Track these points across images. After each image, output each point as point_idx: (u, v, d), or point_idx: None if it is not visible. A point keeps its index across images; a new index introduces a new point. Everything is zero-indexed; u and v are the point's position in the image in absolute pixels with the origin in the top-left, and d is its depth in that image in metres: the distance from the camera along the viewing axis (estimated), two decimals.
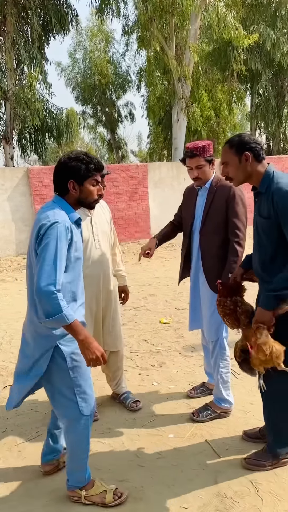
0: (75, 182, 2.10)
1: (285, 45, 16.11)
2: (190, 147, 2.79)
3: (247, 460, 2.50)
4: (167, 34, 14.20)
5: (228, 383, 3.03)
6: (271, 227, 2.21)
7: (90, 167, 2.11)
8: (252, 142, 2.24)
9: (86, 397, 2.17)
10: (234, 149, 2.26)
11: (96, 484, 2.31)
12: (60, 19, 13.83)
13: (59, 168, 2.12)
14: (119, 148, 26.76)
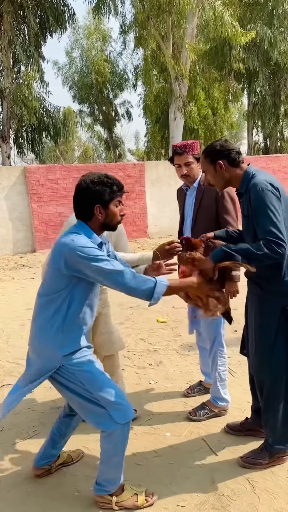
0: (101, 207, 2.09)
1: (282, 44, 16.14)
2: (178, 145, 2.86)
3: (244, 459, 2.51)
4: (164, 33, 14.21)
5: (225, 381, 3.04)
6: (250, 226, 2.27)
7: (114, 189, 2.10)
8: (225, 150, 2.31)
9: (117, 406, 2.10)
10: (209, 158, 2.35)
11: (126, 489, 2.25)
12: (57, 18, 13.81)
13: (82, 193, 2.09)
14: (116, 147, 26.75)
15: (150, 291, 1.98)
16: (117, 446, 2.14)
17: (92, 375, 2.11)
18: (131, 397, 3.36)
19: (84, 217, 2.12)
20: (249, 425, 2.79)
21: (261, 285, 2.36)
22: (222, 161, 2.31)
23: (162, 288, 2.00)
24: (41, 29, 14.21)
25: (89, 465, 2.59)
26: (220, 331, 2.99)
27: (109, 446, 2.14)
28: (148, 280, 1.98)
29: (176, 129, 14.92)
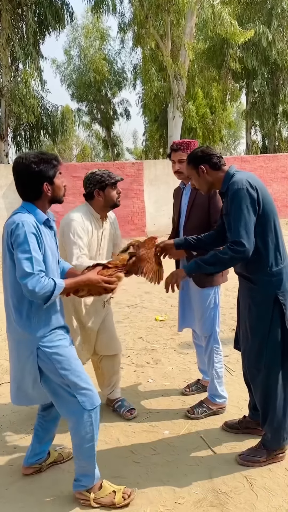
0: (48, 183, 2.16)
1: (280, 43, 16.16)
2: (176, 142, 2.98)
3: (242, 457, 2.52)
4: (162, 32, 14.20)
5: (222, 378, 3.06)
6: (230, 223, 2.33)
7: (54, 163, 2.17)
8: (206, 155, 2.44)
9: (84, 392, 2.15)
10: (191, 164, 2.49)
11: (104, 486, 2.26)
12: (56, 16, 13.78)
13: (27, 175, 2.13)
14: (114, 145, 26.74)
15: (48, 296, 2.02)
16: (86, 434, 2.16)
17: (65, 358, 2.14)
18: (129, 395, 3.38)
19: (33, 197, 2.16)
20: (246, 423, 2.80)
21: (250, 278, 2.41)
22: (204, 166, 2.44)
23: (59, 290, 2.06)
24: (40, 27, 14.17)
25: None
26: (215, 328, 3.01)
27: (79, 436, 2.17)
28: (48, 285, 2.01)
29: (175, 128, 14.91)
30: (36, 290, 1.97)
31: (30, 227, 2.04)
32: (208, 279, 2.92)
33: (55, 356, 2.13)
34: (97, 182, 2.80)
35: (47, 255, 2.14)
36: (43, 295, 2.01)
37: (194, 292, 3.00)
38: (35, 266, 1.99)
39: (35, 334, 2.12)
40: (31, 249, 2.01)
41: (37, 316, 2.13)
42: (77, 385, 2.14)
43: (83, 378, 2.17)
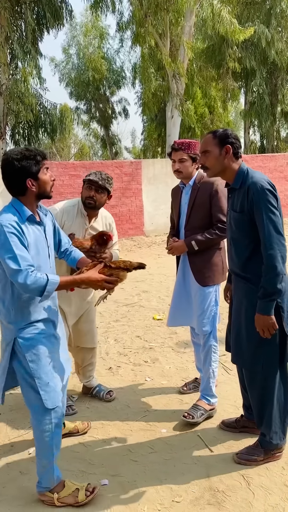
0: (32, 179, 2.17)
1: (279, 43, 16.15)
2: (177, 142, 2.96)
3: (239, 455, 2.52)
4: (161, 31, 14.17)
5: (216, 378, 3.07)
6: (245, 221, 2.31)
7: (38, 159, 2.17)
8: (235, 139, 2.37)
9: (48, 390, 2.17)
10: (217, 140, 2.36)
11: (67, 485, 2.28)
12: (54, 14, 13.73)
13: (11, 172, 2.16)
14: (112, 144, 26.70)
15: (41, 290, 2.05)
16: (44, 431, 2.19)
17: (37, 353, 2.17)
18: (126, 393, 3.38)
19: (18, 193, 2.19)
20: (244, 422, 2.81)
21: (250, 279, 2.38)
22: (229, 146, 2.35)
23: (53, 286, 2.09)
24: (38, 25, 14.11)
25: (84, 460, 2.60)
26: (215, 326, 3.01)
27: (38, 431, 2.21)
28: (40, 279, 2.04)
29: (173, 127, 14.90)
30: (28, 283, 2.01)
31: (9, 227, 2.05)
32: (209, 277, 2.94)
33: (28, 349, 2.16)
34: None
35: (34, 251, 2.17)
36: (36, 289, 2.04)
37: (194, 290, 3.00)
38: (22, 262, 2.02)
39: (14, 325, 2.18)
40: (13, 248, 2.03)
41: (17, 307, 2.17)
42: (42, 381, 2.16)
43: (49, 376, 2.19)
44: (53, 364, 2.24)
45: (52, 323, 2.33)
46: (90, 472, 2.49)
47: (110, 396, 3.30)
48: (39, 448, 2.24)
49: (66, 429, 2.79)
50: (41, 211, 2.32)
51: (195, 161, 2.95)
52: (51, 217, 2.45)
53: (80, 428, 2.85)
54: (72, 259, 2.54)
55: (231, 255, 2.50)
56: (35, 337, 2.19)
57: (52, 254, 2.34)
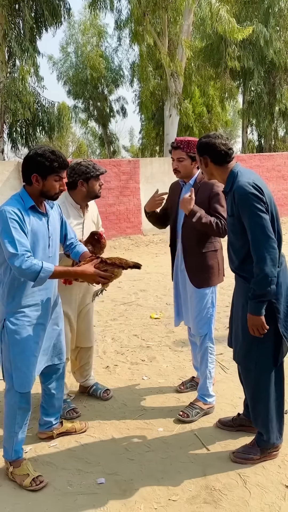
0: (38, 176, 2.27)
1: (277, 42, 16.13)
2: (177, 140, 2.91)
3: (236, 454, 2.53)
4: (160, 29, 14.16)
5: (212, 378, 3.07)
6: (235, 224, 2.33)
7: (53, 165, 2.26)
8: (211, 147, 2.35)
9: (20, 375, 2.34)
10: (197, 150, 2.45)
11: (22, 466, 2.42)
12: (53, 12, 13.67)
13: (26, 161, 2.30)
14: (110, 143, 26.67)
15: (35, 276, 2.17)
16: (10, 410, 2.39)
17: (19, 338, 2.32)
18: (123, 392, 3.38)
19: (26, 182, 2.32)
20: (240, 420, 2.81)
21: (246, 278, 2.40)
22: (204, 157, 2.39)
23: (47, 273, 2.20)
24: (36, 23, 14.06)
25: (80, 459, 2.60)
26: (211, 328, 3.00)
27: (6, 407, 2.40)
28: (34, 265, 2.16)
29: (171, 126, 14.89)
30: (23, 267, 2.13)
31: (11, 214, 2.19)
32: (205, 279, 2.91)
33: (12, 333, 2.31)
34: (82, 173, 2.86)
35: (33, 239, 2.28)
36: (30, 274, 2.16)
37: (191, 291, 2.98)
38: (19, 247, 2.15)
39: (5, 306, 2.34)
40: (13, 232, 2.16)
41: (10, 290, 2.31)
42: (17, 365, 2.33)
43: (25, 363, 2.35)
44: (31, 352, 2.37)
45: (43, 314, 2.41)
46: (86, 471, 2.49)
47: (107, 395, 3.30)
48: (4, 420, 2.43)
49: (63, 428, 2.82)
50: (48, 203, 2.44)
51: (195, 160, 2.86)
52: (59, 211, 2.56)
53: (77, 427, 2.86)
54: (76, 252, 2.64)
55: (230, 255, 2.52)
56: (21, 323, 2.32)
57: (53, 244, 2.43)
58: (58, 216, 2.53)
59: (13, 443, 2.42)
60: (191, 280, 2.93)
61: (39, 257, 2.29)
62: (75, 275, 2.39)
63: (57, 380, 2.67)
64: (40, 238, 2.32)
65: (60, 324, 2.64)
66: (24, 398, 2.40)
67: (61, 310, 2.67)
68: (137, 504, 2.23)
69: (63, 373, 2.71)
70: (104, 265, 2.45)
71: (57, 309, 2.61)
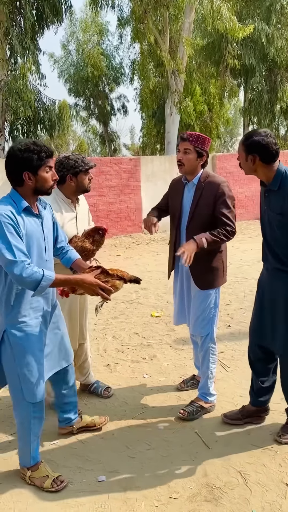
0: (30, 173, 2.16)
1: (279, 40, 16.08)
2: (187, 132, 2.83)
3: (281, 436, 2.62)
4: (161, 27, 14.12)
5: (214, 377, 3.06)
6: (285, 223, 2.39)
7: (41, 156, 2.15)
8: (263, 147, 2.37)
9: (29, 386, 2.25)
10: (244, 146, 2.43)
11: (40, 468, 2.39)
12: (54, 9, 13.63)
13: (11, 161, 2.16)
14: (111, 141, 26.63)
15: (36, 284, 2.07)
16: (23, 421, 2.32)
17: (23, 349, 2.22)
18: (124, 390, 3.39)
19: (15, 183, 2.18)
20: (248, 412, 2.85)
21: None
22: (254, 155, 2.40)
23: (48, 281, 2.10)
24: (38, 20, 14.03)
25: (82, 457, 2.60)
26: (213, 329, 2.98)
27: (18, 419, 2.34)
28: (36, 273, 2.06)
29: (172, 124, 14.87)
30: (23, 275, 2.03)
31: (5, 217, 2.06)
32: (210, 281, 2.87)
33: (16, 345, 2.22)
34: (70, 167, 2.82)
35: (29, 243, 2.17)
36: (31, 283, 2.06)
37: (193, 292, 2.95)
38: (17, 254, 2.03)
39: (4, 316, 2.23)
40: (9, 238, 2.04)
41: (7, 300, 2.21)
42: (26, 377, 2.24)
43: (33, 373, 2.26)
44: (38, 361, 2.28)
45: (43, 320, 2.33)
46: (87, 469, 2.49)
47: (108, 393, 3.30)
48: (19, 432, 2.37)
49: (83, 422, 2.82)
50: (40, 204, 2.33)
51: (201, 156, 2.81)
52: (51, 211, 2.45)
53: (97, 422, 2.85)
54: (68, 258, 2.53)
55: (270, 251, 2.55)
56: (23, 334, 2.23)
57: (49, 248, 2.34)
58: (50, 217, 2.42)
59: (30, 451, 2.37)
60: (195, 282, 2.89)
61: (34, 262, 2.18)
62: (75, 283, 2.28)
63: (68, 381, 2.63)
64: (35, 241, 2.21)
65: (62, 327, 2.55)
66: (37, 407, 2.32)
67: (61, 313, 2.59)
68: (137, 501, 2.23)
69: (72, 373, 2.66)
70: (105, 276, 2.41)
71: (57, 312, 2.51)
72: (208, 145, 2.83)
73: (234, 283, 6.32)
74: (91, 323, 3.63)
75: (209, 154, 2.83)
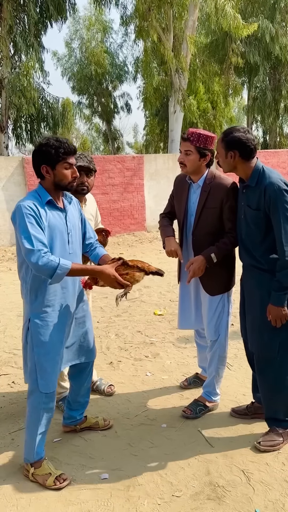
0: (48, 167, 2.24)
1: (283, 38, 16.03)
2: (189, 130, 2.68)
3: (261, 443, 2.58)
4: (165, 25, 14.08)
5: (222, 378, 3.03)
6: (261, 218, 2.41)
7: (59, 151, 2.21)
8: (241, 142, 2.40)
9: (44, 375, 2.30)
10: (223, 143, 2.44)
11: (43, 466, 2.39)
12: (57, 7, 13.63)
13: (34, 155, 2.27)
14: (114, 139, 26.61)
15: (51, 272, 2.12)
16: (34, 411, 2.35)
17: (43, 339, 2.29)
18: (127, 388, 3.39)
19: (38, 176, 2.31)
20: (255, 408, 2.87)
21: (264, 269, 2.48)
22: (234, 152, 2.41)
23: (63, 270, 2.15)
24: (41, 18, 14.03)
25: (84, 454, 2.60)
26: (223, 333, 2.89)
27: (29, 407, 2.36)
28: (51, 262, 2.11)
29: (176, 122, 14.85)
30: (39, 263, 2.09)
31: (27, 209, 2.15)
32: (219, 286, 2.83)
33: (37, 334, 2.28)
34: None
35: (51, 235, 2.24)
36: (46, 271, 2.11)
37: (202, 296, 2.90)
38: (35, 243, 2.10)
39: (29, 305, 2.31)
40: (29, 228, 2.12)
41: (32, 289, 2.28)
42: (42, 366, 2.30)
43: (50, 364, 2.32)
44: (56, 352, 2.34)
45: (66, 312, 2.38)
46: (90, 466, 2.49)
47: (110, 391, 3.30)
48: (28, 422, 2.39)
49: (87, 423, 2.83)
50: (66, 199, 2.41)
51: (204, 156, 2.66)
52: (78, 208, 2.51)
53: (101, 424, 2.85)
54: (95, 254, 2.58)
55: (244, 248, 2.56)
56: (45, 323, 2.29)
57: (73, 241, 2.39)
58: (77, 213, 2.48)
59: (35, 445, 2.38)
60: (204, 288, 2.83)
61: (57, 254, 2.23)
62: (93, 273, 2.31)
63: (84, 378, 2.65)
64: (58, 234, 2.27)
65: (88, 323, 2.58)
66: (49, 399, 2.35)
67: (88, 308, 2.61)
68: (140, 499, 2.23)
69: (90, 371, 2.68)
70: (126, 267, 2.41)
71: (84, 307, 2.55)
72: (213, 142, 2.68)
73: (237, 281, 6.30)
74: (94, 321, 3.63)
75: (214, 153, 2.70)
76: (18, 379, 3.60)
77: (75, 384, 2.68)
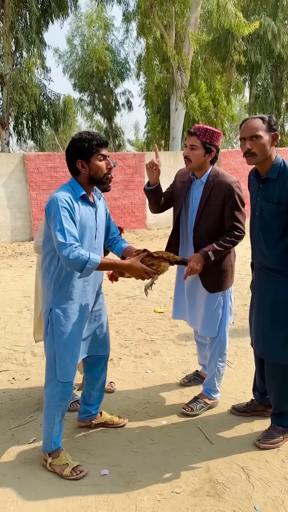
0: (83, 161, 2.26)
1: (285, 36, 16.00)
2: (195, 125, 2.66)
3: (261, 440, 2.58)
4: (167, 22, 14.06)
5: (222, 375, 3.04)
6: (281, 213, 2.30)
7: (92, 144, 2.23)
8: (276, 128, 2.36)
9: (63, 365, 2.35)
10: (267, 125, 2.33)
11: (61, 456, 2.44)
12: (59, 3, 13.59)
13: (68, 150, 2.28)
14: (116, 136, 26.58)
15: (82, 266, 2.15)
16: (51, 400, 2.38)
17: (64, 330, 2.33)
18: (127, 385, 3.39)
19: (73, 172, 2.32)
20: (255, 406, 2.87)
21: (282, 272, 2.37)
22: (276, 134, 2.35)
23: (93, 264, 2.17)
24: (43, 15, 13.99)
25: (85, 451, 2.61)
26: (222, 330, 2.89)
27: (47, 396, 2.40)
28: (82, 256, 2.14)
29: (177, 120, 14.83)
30: (71, 257, 2.12)
31: (63, 202, 2.17)
32: (219, 284, 2.80)
33: (58, 324, 2.32)
34: None
35: (81, 229, 2.27)
36: (77, 265, 2.14)
37: (200, 294, 2.88)
38: (68, 237, 2.13)
39: (52, 295, 2.34)
40: (63, 221, 2.14)
41: (57, 280, 2.31)
42: (61, 355, 2.34)
43: (69, 354, 2.36)
44: (75, 343, 2.38)
45: (86, 305, 2.43)
46: (90, 462, 2.50)
47: (111, 387, 3.31)
48: (45, 411, 2.43)
49: (102, 418, 2.84)
50: (96, 194, 2.44)
51: (210, 152, 2.64)
52: (105, 203, 2.55)
53: (115, 421, 2.85)
54: (119, 248, 2.61)
55: (259, 248, 2.45)
56: (66, 314, 2.34)
57: (99, 236, 2.44)
58: (104, 209, 2.52)
59: (52, 434, 2.42)
60: (204, 285, 2.81)
61: (85, 248, 2.29)
62: (121, 268, 2.34)
63: (99, 372, 2.69)
64: (88, 228, 2.31)
65: (103, 316, 2.62)
66: (66, 388, 2.39)
67: (104, 301, 2.66)
68: (140, 495, 2.24)
69: (105, 365, 2.71)
70: (151, 259, 2.43)
71: (101, 300, 2.61)
72: (219, 139, 2.66)
73: (238, 280, 6.31)
74: None
75: (219, 149, 2.69)
76: (18, 375, 3.61)
77: (90, 377, 2.70)
